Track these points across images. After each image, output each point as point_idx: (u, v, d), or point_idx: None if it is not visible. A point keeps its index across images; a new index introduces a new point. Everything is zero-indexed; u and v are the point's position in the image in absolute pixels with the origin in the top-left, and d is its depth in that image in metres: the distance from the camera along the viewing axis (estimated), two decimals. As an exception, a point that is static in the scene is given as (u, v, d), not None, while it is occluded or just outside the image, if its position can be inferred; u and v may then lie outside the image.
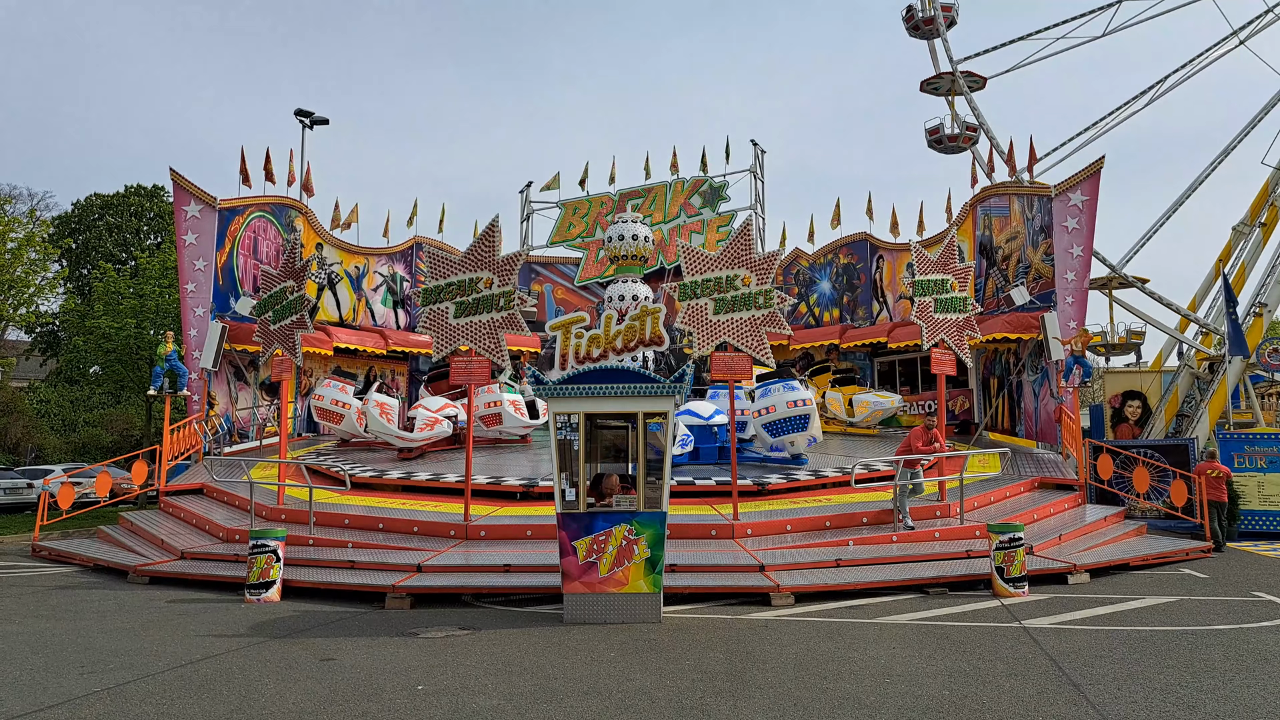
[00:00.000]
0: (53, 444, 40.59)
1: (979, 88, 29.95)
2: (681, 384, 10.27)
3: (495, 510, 14.99)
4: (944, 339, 15.88)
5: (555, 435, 10.36)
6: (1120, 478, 18.01)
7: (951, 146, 29.74)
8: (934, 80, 30.10)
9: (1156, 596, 11.30)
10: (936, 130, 29.96)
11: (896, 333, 26.23)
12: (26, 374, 50.37)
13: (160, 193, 49.38)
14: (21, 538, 19.11)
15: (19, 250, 34.13)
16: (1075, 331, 20.10)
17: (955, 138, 29.39)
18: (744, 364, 14.60)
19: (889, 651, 8.42)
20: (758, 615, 10.36)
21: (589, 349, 13.18)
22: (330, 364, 26.56)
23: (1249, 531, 18.23)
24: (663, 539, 10.17)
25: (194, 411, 21.63)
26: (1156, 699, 6.76)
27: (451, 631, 9.63)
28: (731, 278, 14.49)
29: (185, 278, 22.49)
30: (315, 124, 28.84)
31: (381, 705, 6.77)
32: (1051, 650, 8.37)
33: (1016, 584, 11.31)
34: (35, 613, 10.96)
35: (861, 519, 14.30)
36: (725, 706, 6.70)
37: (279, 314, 16.28)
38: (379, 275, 28.73)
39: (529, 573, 11.97)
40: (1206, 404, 23.48)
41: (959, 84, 29.38)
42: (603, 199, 33.73)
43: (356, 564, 12.74)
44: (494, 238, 14.17)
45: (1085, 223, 21.29)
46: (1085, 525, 15.59)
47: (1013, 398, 23.53)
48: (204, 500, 17.94)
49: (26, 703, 6.88)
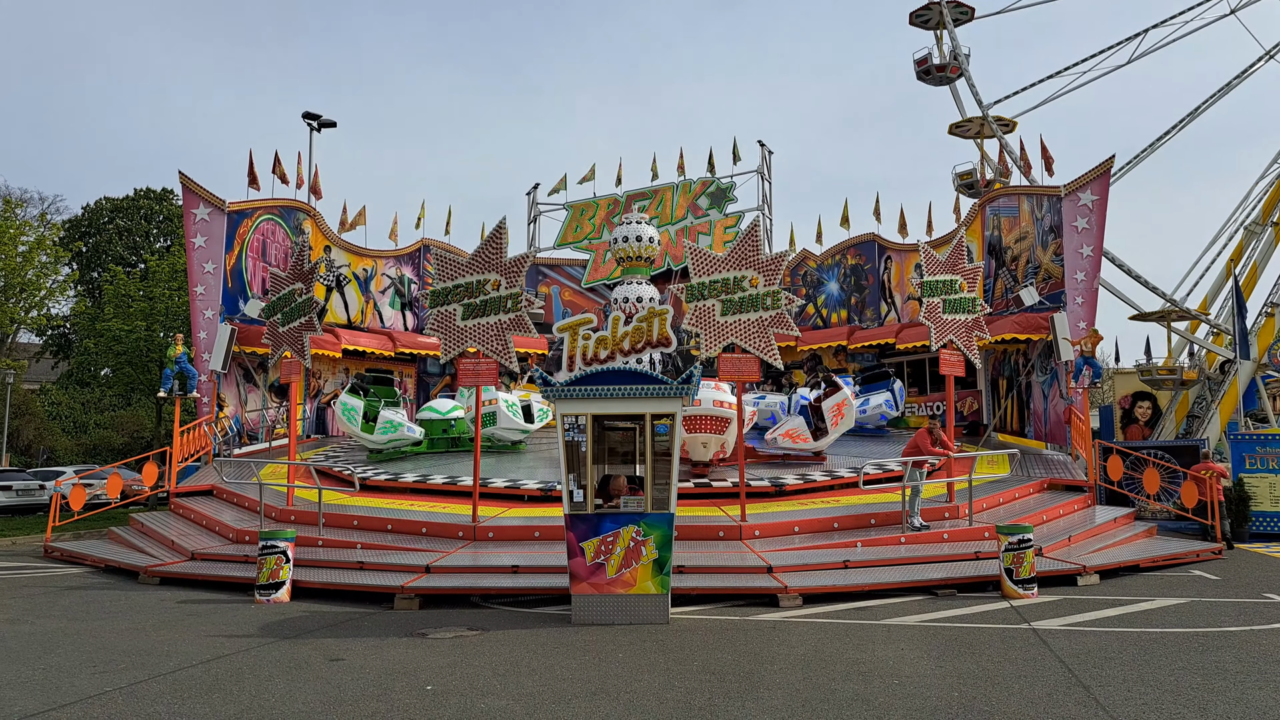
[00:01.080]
0: (64, 446, 40.82)
1: (1009, 130, 30.08)
2: (689, 385, 10.28)
3: (503, 512, 15.02)
4: (953, 340, 15.84)
5: (563, 436, 10.38)
6: (1130, 479, 17.94)
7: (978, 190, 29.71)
8: (963, 124, 30.25)
9: (1167, 598, 11.24)
10: (968, 174, 30.17)
11: (905, 334, 26.17)
12: (38, 376, 50.66)
13: (170, 196, 49.64)
14: (34, 539, 19.22)
15: (30, 254, 34.38)
16: (1085, 332, 20.03)
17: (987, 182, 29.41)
18: (752, 365, 14.60)
19: (897, 653, 8.40)
20: (766, 616, 10.35)
21: (596, 350, 13.19)
22: (339, 366, 26.65)
23: (1260, 533, 18.13)
24: (670, 540, 10.17)
25: (204, 413, 21.73)
26: (1167, 701, 6.74)
27: (460, 632, 9.65)
28: (739, 279, 14.49)
29: (194, 280, 22.60)
30: (323, 126, 28.94)
31: (390, 705, 6.79)
32: (1061, 652, 8.34)
33: (1026, 585, 11.27)
34: (47, 613, 11.03)
35: (870, 520, 14.28)
36: (734, 707, 6.69)
37: (288, 316, 16.34)
38: (387, 277, 28.81)
39: (537, 574, 11.98)
40: (1217, 405, 23.39)
41: (990, 125, 29.48)
42: (610, 200, 33.76)
43: (365, 565, 12.78)
44: (501, 239, 14.20)
45: (1095, 223, 21.22)
46: (1095, 526, 15.53)
47: (1022, 399, 23.46)
48: (214, 501, 18.03)
49: (39, 702, 6.92)
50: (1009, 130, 29.98)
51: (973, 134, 30.29)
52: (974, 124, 29.96)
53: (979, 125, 29.84)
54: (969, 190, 29.91)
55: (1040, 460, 19.67)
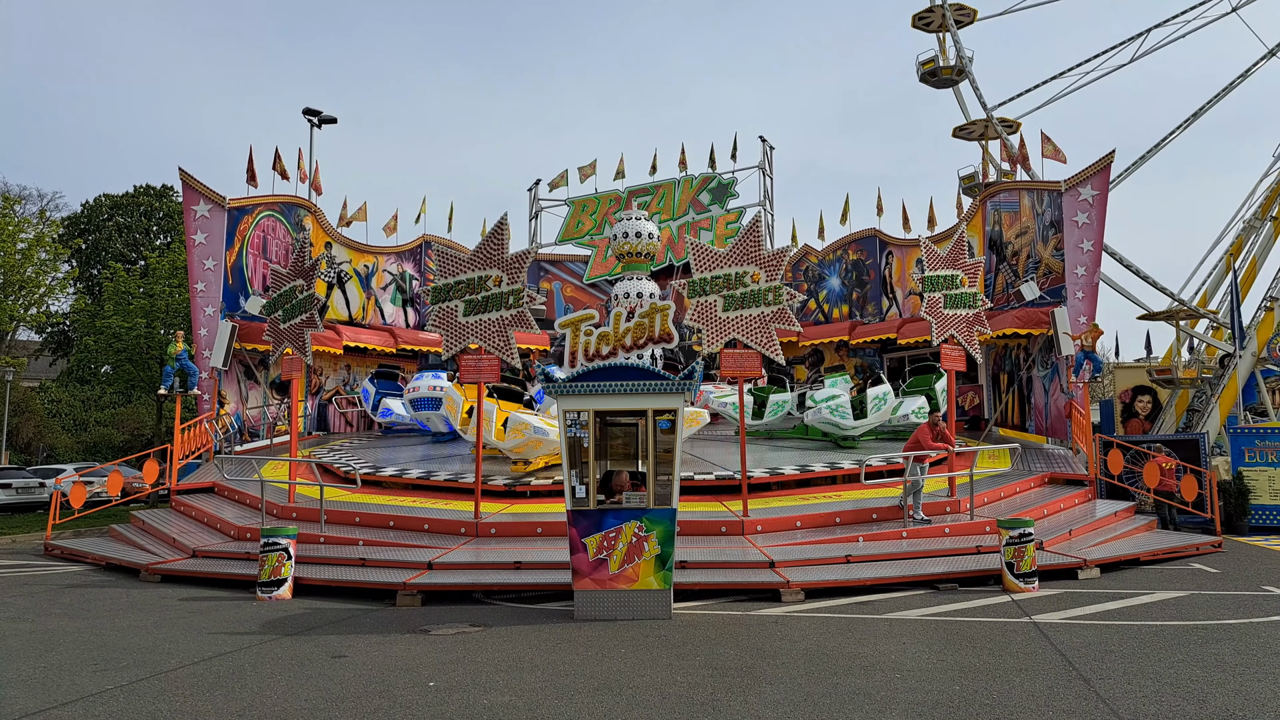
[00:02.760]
0: (64, 443, 40.84)
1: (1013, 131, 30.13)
2: (691, 381, 10.28)
3: (505, 508, 15.03)
4: (954, 335, 15.84)
5: (565, 433, 10.38)
6: (1130, 473, 17.95)
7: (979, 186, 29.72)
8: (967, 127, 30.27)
9: (1167, 591, 11.26)
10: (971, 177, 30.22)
11: (906, 329, 26.17)
12: (38, 374, 50.67)
13: (169, 193, 49.61)
14: (34, 536, 19.23)
15: (29, 251, 34.35)
16: (1085, 326, 20.03)
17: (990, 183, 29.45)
18: (753, 361, 14.60)
19: (899, 647, 8.41)
20: (768, 611, 10.36)
21: (598, 346, 13.22)
22: (340, 362, 26.65)
23: (1260, 526, 18.15)
24: (673, 535, 10.18)
25: (204, 410, 21.74)
26: (1167, 693, 6.75)
27: (463, 628, 9.66)
28: (740, 274, 14.48)
29: (195, 277, 22.58)
30: (324, 122, 28.93)
31: (393, 702, 6.80)
32: (1062, 645, 8.36)
33: (1027, 579, 11.29)
34: (48, 611, 11.03)
35: (871, 515, 14.29)
36: (736, 702, 6.71)
37: (289, 313, 16.34)
38: (388, 274, 28.80)
39: (539, 570, 11.99)
40: (1216, 399, 23.38)
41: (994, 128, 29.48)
42: (611, 196, 33.73)
43: (368, 561, 12.78)
44: (503, 236, 14.19)
45: (1095, 217, 21.19)
46: (1095, 520, 15.54)
47: (1023, 393, 23.45)
48: (215, 499, 18.03)
49: (40, 700, 6.93)
50: (1013, 131, 30.03)
51: (977, 136, 30.33)
52: (978, 126, 29.98)
53: (983, 127, 29.85)
54: (972, 192, 29.99)
55: (1041, 455, 19.68)
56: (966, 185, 30.15)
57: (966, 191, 30.09)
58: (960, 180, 30.37)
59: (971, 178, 30.14)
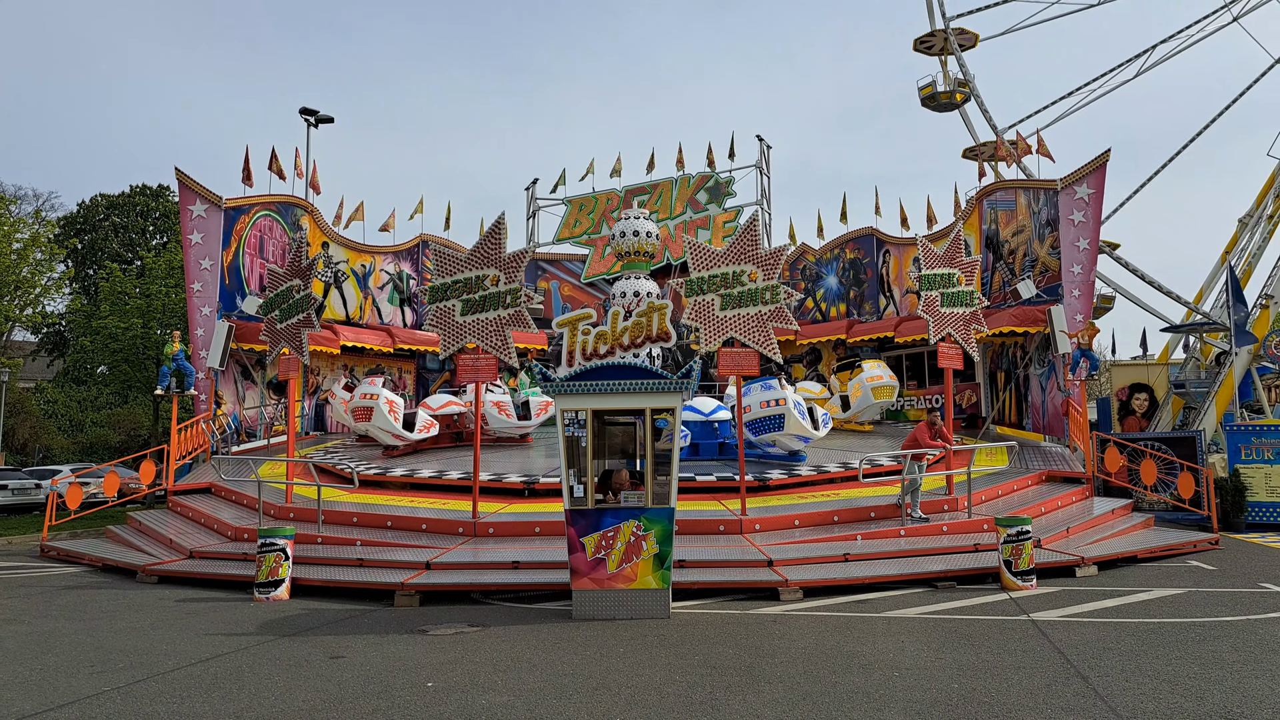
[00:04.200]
0: (60, 444, 40.74)
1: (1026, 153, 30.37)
2: (689, 379, 10.28)
3: (503, 507, 15.02)
4: (951, 333, 15.85)
5: (563, 432, 10.37)
6: (1128, 470, 17.98)
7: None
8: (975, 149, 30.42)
9: (1164, 588, 11.27)
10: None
11: (903, 327, 26.18)
12: (33, 375, 50.57)
13: (166, 192, 49.49)
14: (30, 538, 19.19)
15: (25, 251, 34.23)
16: (1082, 325, 20.06)
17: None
18: (751, 359, 14.60)
19: (897, 645, 8.42)
20: (766, 610, 10.36)
21: (596, 345, 13.17)
22: (337, 362, 26.61)
23: (1257, 523, 18.18)
24: (671, 535, 10.18)
25: (201, 411, 21.70)
26: (1164, 690, 6.75)
27: (461, 628, 9.65)
28: (738, 273, 14.48)
29: (191, 277, 22.54)
30: (320, 122, 28.86)
31: (391, 702, 6.79)
32: (1059, 643, 8.37)
33: (1024, 577, 11.30)
34: (44, 612, 11.01)
35: (869, 513, 14.30)
36: (735, 701, 6.70)
37: (285, 313, 16.30)
38: (385, 273, 28.76)
39: (537, 569, 11.99)
40: (1213, 396, 23.41)
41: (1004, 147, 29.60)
42: (609, 195, 33.72)
43: (365, 562, 12.77)
44: (500, 235, 14.18)
45: (1091, 216, 21.23)
46: (1093, 518, 15.56)
47: (1020, 391, 23.48)
48: (212, 499, 18.00)
49: (37, 702, 6.91)
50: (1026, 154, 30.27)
51: (987, 157, 30.41)
52: (988, 148, 30.12)
53: (992, 149, 29.98)
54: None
55: (1038, 452, 19.70)
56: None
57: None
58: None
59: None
